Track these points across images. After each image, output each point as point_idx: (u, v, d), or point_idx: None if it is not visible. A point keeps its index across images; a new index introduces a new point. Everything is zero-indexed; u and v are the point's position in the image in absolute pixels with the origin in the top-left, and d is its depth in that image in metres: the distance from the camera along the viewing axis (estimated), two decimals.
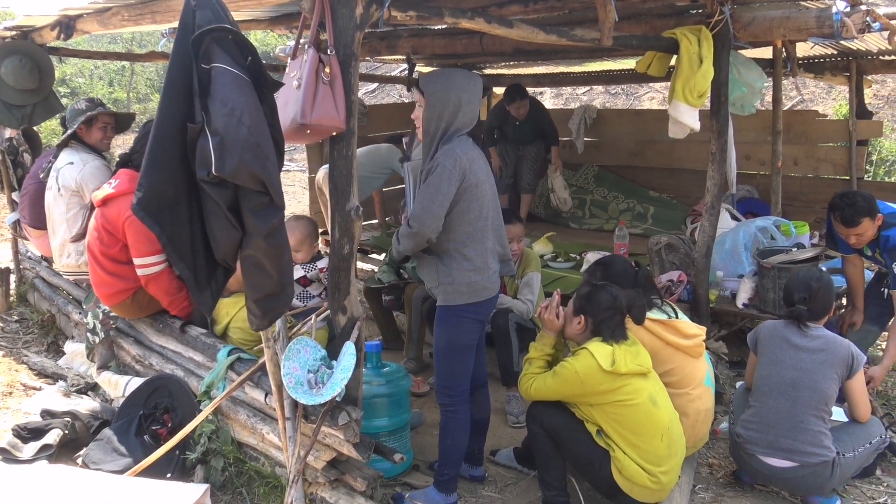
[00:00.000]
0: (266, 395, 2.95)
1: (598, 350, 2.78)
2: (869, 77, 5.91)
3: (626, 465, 2.76)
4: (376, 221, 7.30)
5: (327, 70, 2.54)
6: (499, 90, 8.75)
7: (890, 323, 3.93)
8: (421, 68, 8.19)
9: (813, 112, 6.38)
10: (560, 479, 2.93)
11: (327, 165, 3.04)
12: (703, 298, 4.52)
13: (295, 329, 3.15)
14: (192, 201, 2.35)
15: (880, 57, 5.55)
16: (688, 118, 4.06)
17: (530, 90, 9.07)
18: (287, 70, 2.70)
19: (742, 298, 4.55)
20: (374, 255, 7.21)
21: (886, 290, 4.18)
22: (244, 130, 2.12)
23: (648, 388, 2.80)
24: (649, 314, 3.13)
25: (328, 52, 2.58)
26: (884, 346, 5.90)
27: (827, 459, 3.04)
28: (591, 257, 5.46)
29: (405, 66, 6.70)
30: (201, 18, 2.25)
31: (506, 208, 4.35)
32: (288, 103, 2.58)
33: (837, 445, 3.11)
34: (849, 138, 5.74)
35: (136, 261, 3.52)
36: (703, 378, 3.18)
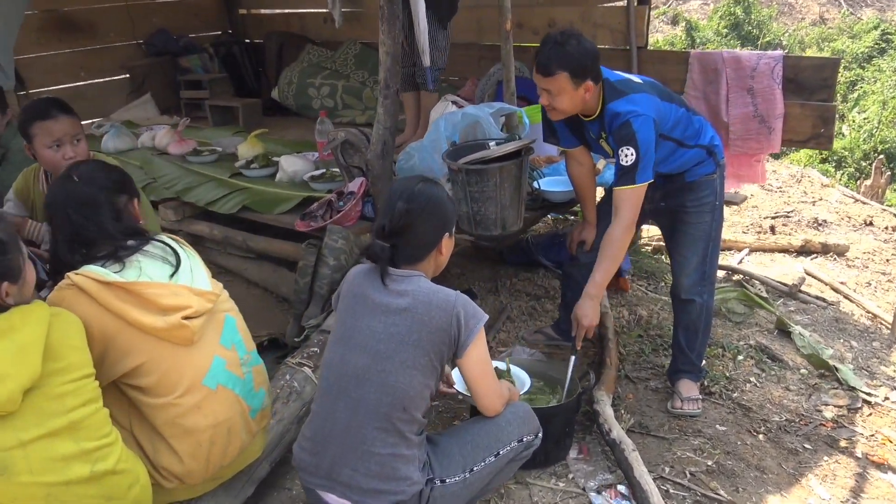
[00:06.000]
0: None
1: None
2: None
3: None
4: None
5: None
6: None
7: (603, 236, 2.79)
8: None
9: None
10: None
11: None
12: None
13: None
14: None
15: None
16: None
17: None
18: None
19: None
20: None
21: None
22: None
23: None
24: (93, 270, 1.83)
25: None
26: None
27: (402, 498, 1.87)
28: (287, 163, 4.11)
29: None
30: None
31: (49, 97, 2.94)
32: None
33: (437, 467, 1.96)
34: None
35: None
36: (203, 375, 1.92)
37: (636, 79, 2.85)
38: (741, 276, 4.48)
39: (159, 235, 2.03)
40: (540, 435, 2.16)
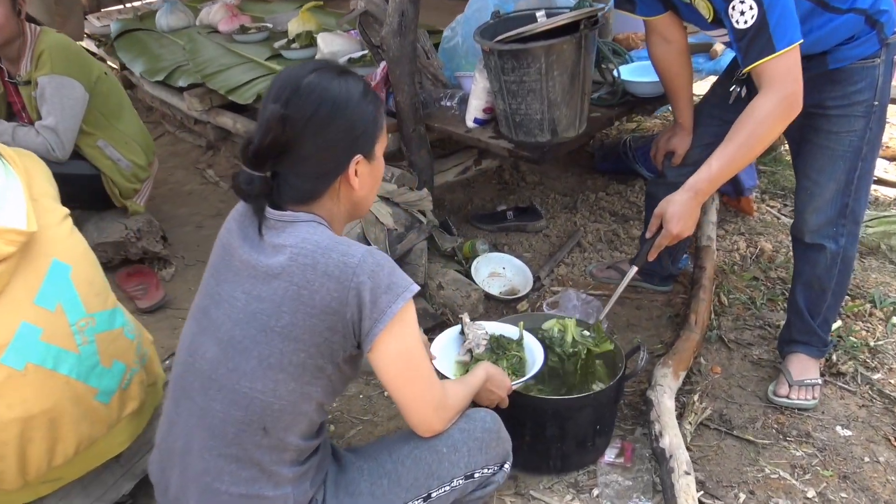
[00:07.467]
0: None
1: None
2: None
3: None
4: None
5: None
6: None
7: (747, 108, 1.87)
8: None
9: None
10: None
11: None
12: (406, 112, 2.51)
13: None
14: None
15: None
16: None
17: None
18: None
19: (474, 111, 2.51)
20: None
21: (737, 89, 2.06)
22: None
23: None
24: None
25: None
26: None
27: None
28: (325, 41, 3.41)
29: None
30: None
31: None
32: None
33: None
34: None
35: None
36: (2, 350, 1.33)
37: None
38: None
39: None
40: (507, 466, 1.42)
